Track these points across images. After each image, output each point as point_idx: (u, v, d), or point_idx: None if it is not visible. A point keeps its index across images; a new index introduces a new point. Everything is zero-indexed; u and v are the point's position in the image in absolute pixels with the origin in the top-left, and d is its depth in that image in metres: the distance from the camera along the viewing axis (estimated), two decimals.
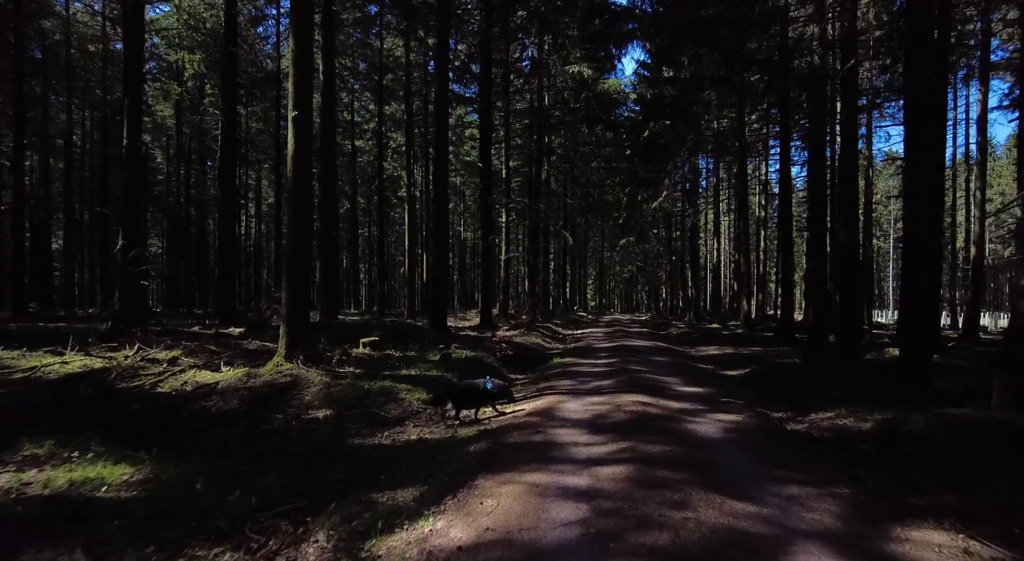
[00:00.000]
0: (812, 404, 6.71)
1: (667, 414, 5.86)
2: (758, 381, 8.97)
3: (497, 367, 10.37)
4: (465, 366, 9.50)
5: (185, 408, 6.69)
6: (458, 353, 10.67)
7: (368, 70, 36.21)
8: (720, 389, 7.95)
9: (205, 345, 11.05)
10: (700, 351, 14.96)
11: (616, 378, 8.44)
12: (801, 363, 10.47)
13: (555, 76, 25.06)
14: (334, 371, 7.92)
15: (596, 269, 58.45)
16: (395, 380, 7.62)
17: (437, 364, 9.34)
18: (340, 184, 48.88)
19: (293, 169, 7.78)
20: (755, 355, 13.48)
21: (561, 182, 36.46)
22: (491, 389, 6.41)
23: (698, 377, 9.16)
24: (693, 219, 28.57)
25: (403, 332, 14.39)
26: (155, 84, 38.51)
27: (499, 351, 11.22)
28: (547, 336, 18.49)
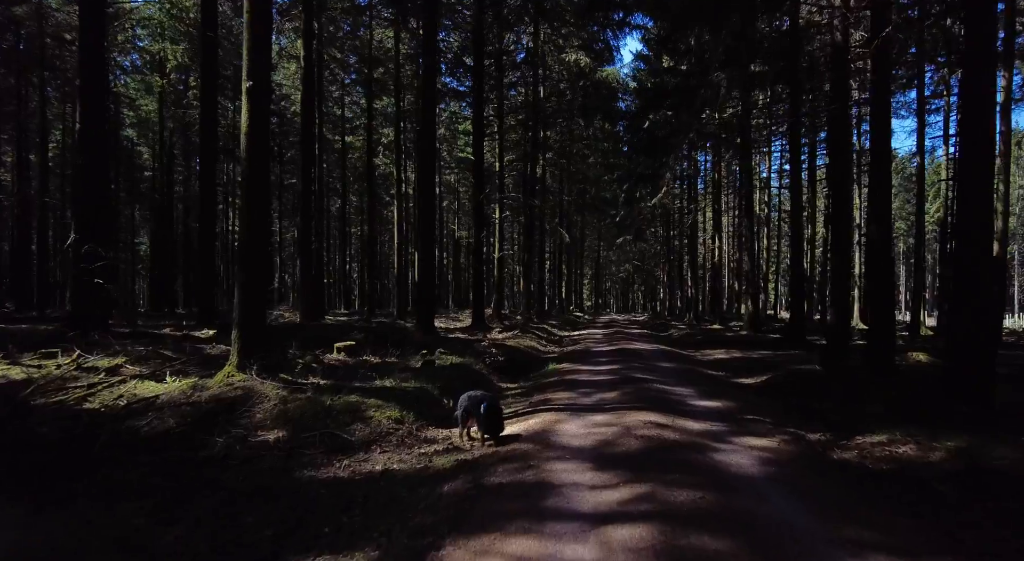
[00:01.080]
0: (852, 423, 5.69)
1: (687, 440, 4.81)
2: (779, 392, 7.95)
3: (486, 375, 9.31)
4: (450, 375, 8.44)
5: (108, 430, 5.60)
6: (443, 359, 9.60)
7: (359, 64, 35.07)
8: (739, 403, 6.91)
9: (161, 350, 9.95)
10: (706, 355, 13.94)
11: (621, 389, 7.39)
12: (822, 370, 9.46)
13: (551, 66, 24.04)
14: (295, 383, 6.84)
15: (592, 268, 57.47)
16: (365, 393, 6.54)
17: (418, 373, 8.27)
18: (330, 181, 47.74)
19: (247, 149, 6.71)
20: (766, 360, 12.48)
21: (557, 178, 35.42)
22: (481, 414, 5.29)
23: (712, 387, 8.13)
24: (693, 216, 27.58)
25: (386, 335, 13.33)
26: (137, 76, 37.30)
27: (489, 357, 10.17)
28: (542, 338, 17.45)
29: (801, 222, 15.62)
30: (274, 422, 5.87)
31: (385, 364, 9.40)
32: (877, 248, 8.03)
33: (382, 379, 7.53)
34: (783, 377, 9.01)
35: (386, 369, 8.60)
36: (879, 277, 8.04)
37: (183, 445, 5.43)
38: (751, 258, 20.10)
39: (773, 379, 9.05)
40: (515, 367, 10.89)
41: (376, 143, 40.15)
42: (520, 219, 30.69)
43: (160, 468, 4.84)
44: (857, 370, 8.74)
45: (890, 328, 8.20)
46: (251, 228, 6.74)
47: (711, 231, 35.40)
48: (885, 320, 8.10)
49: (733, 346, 15.54)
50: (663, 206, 27.02)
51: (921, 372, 8.69)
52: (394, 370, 8.40)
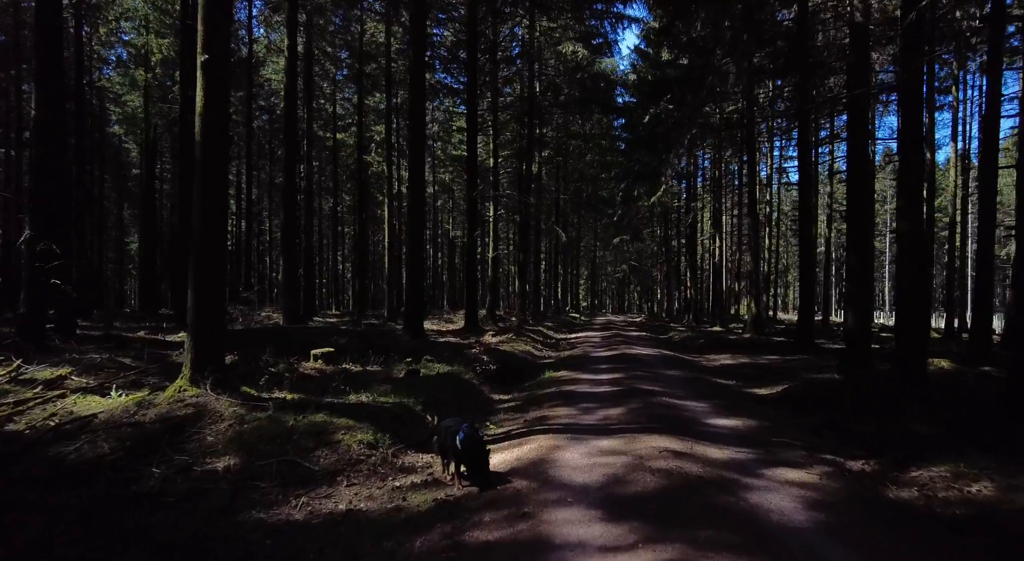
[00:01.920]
0: (899, 447, 4.90)
1: (713, 475, 4.00)
2: (801, 406, 7.16)
3: (477, 386, 8.48)
4: (436, 387, 7.61)
5: (26, 458, 4.75)
6: (429, 368, 8.77)
7: (351, 59, 34.11)
8: (760, 421, 6.11)
9: (121, 357, 9.09)
10: (712, 361, 13.16)
11: (626, 404, 6.58)
12: (842, 379, 8.69)
13: (547, 59, 23.22)
14: (256, 398, 5.99)
15: (588, 269, 56.73)
16: (335, 411, 5.70)
17: (399, 385, 7.43)
18: (322, 179, 46.78)
19: (202, 132, 5.86)
20: (776, 366, 11.72)
21: (553, 176, 34.61)
22: (458, 447, 4.21)
23: (725, 401, 7.33)
24: (693, 215, 26.83)
25: (371, 339, 12.51)
26: (121, 70, 36.29)
27: (480, 365, 9.33)
28: (537, 342, 16.64)
29: (811, 219, 14.86)
30: (226, 447, 5.02)
31: (366, 374, 8.56)
32: (908, 244, 7.25)
33: (358, 393, 6.69)
34: (801, 388, 8.22)
35: (365, 380, 7.76)
36: (911, 275, 7.26)
37: (114, 477, 4.57)
38: (754, 258, 19.35)
39: (790, 390, 8.26)
40: (509, 375, 10.06)
41: (369, 140, 39.27)
42: (515, 218, 29.90)
43: (77, 510, 3.99)
44: (884, 379, 7.97)
45: (923, 332, 7.42)
46: (207, 220, 5.89)
47: (710, 231, 34.69)
48: (917, 323, 7.32)
49: (738, 350, 14.78)
50: (662, 204, 26.26)
51: (955, 382, 7.91)
52: (372, 381, 7.56)
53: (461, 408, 7.14)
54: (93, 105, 34.86)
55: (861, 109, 8.94)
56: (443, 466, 4.52)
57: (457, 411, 7.03)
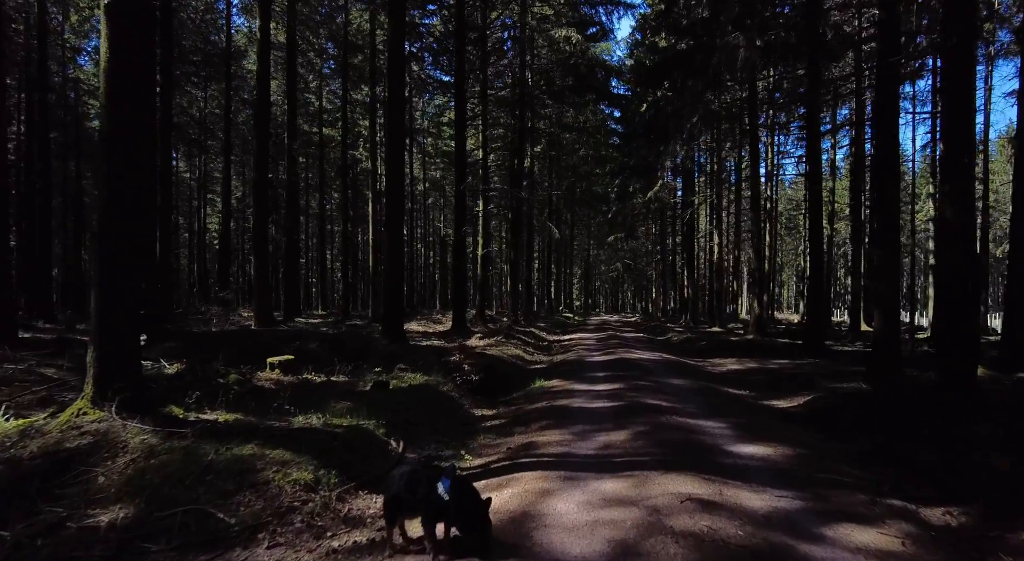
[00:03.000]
0: (984, 488, 3.85)
1: (759, 541, 2.92)
2: (835, 424, 6.10)
3: (456, 399, 7.36)
4: (406, 402, 6.48)
5: None
6: (402, 379, 7.64)
7: (337, 50, 32.86)
8: (795, 445, 5.04)
9: (46, 367, 7.90)
10: (717, 366, 12.12)
11: (630, 425, 5.49)
12: (872, 390, 7.66)
13: (539, 46, 22.12)
14: (178, 422, 4.85)
15: (582, 268, 55.73)
16: (271, 439, 4.57)
17: (362, 400, 6.31)
18: (309, 176, 45.52)
19: (107, 92, 4.72)
20: (788, 372, 10.69)
21: (546, 172, 33.53)
22: (443, 498, 2.90)
23: (745, 417, 6.26)
24: (691, 211, 25.81)
25: (346, 344, 11.39)
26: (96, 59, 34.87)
27: (462, 374, 8.21)
28: (528, 344, 15.55)
29: (821, 213, 13.86)
30: (121, 491, 3.89)
31: (328, 385, 7.44)
32: (955, 235, 6.21)
33: (308, 413, 5.55)
34: (828, 401, 7.17)
35: (323, 394, 6.63)
36: (956, 269, 6.22)
37: None
38: (757, 255, 18.35)
39: (816, 403, 7.21)
40: (494, 384, 8.95)
41: (357, 136, 38.06)
42: (507, 215, 28.80)
43: None
44: (924, 390, 6.94)
45: (973, 335, 6.39)
46: (112, 203, 4.74)
47: (707, 228, 33.73)
48: (965, 324, 6.28)
49: (743, 353, 13.76)
50: (659, 200, 25.23)
51: (1003, 392, 6.88)
52: (333, 396, 6.43)
53: (435, 428, 6.05)
54: (68, 98, 33.47)
55: (891, 79, 7.90)
56: (390, 527, 3.30)
57: (429, 432, 5.94)
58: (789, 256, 58.42)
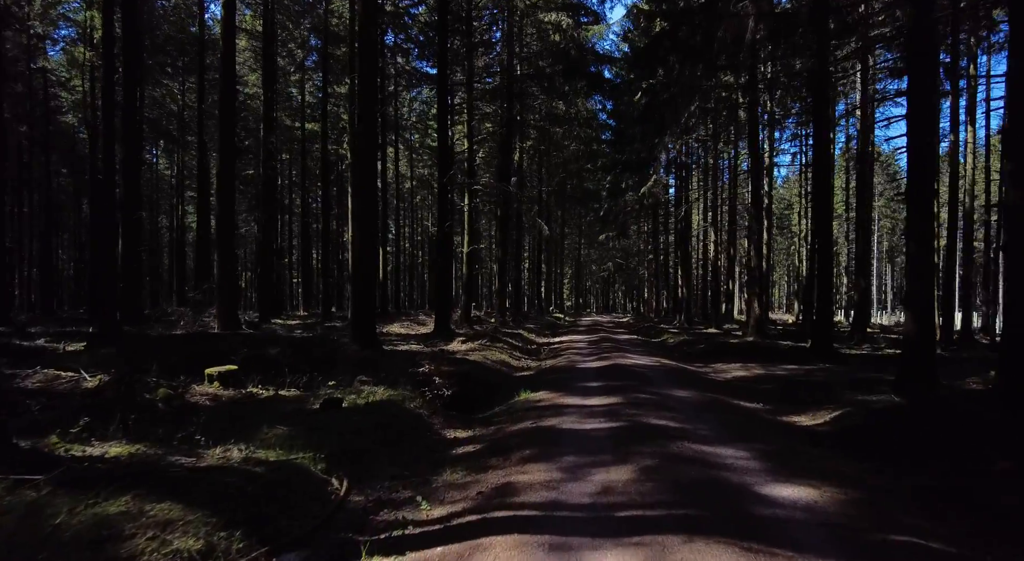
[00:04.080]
0: None
1: None
2: (877, 450, 5.06)
3: (425, 418, 6.23)
4: (359, 426, 5.34)
5: None
6: (361, 394, 6.48)
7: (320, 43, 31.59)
8: (841, 485, 3.98)
9: None
10: (720, 372, 11.08)
11: (634, 457, 4.41)
12: (908, 404, 6.63)
13: (527, 36, 21.02)
14: (39, 462, 3.68)
15: (573, 268, 54.77)
16: (160, 486, 3.42)
17: (306, 423, 5.16)
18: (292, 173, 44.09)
19: None
20: (800, 379, 9.68)
21: (536, 168, 32.44)
22: None
23: (769, 442, 5.20)
24: (686, 208, 24.83)
25: (311, 349, 10.25)
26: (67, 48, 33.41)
27: (433, 387, 7.07)
28: (516, 348, 14.45)
29: (830, 205, 12.87)
30: None
31: (275, 401, 6.29)
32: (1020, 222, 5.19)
33: (229, 444, 4.41)
34: (859, 418, 6.13)
35: (264, 415, 5.49)
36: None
37: None
38: (757, 252, 17.39)
39: (845, 420, 6.16)
40: (473, 397, 7.85)
41: (342, 131, 36.77)
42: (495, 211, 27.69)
43: None
44: (974, 405, 5.94)
45: None
46: None
47: (702, 225, 32.80)
48: None
49: (746, 358, 12.74)
50: (652, 195, 24.21)
51: None
52: (272, 417, 5.27)
53: (394, 458, 4.92)
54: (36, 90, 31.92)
55: (927, 48, 6.88)
56: None
57: (386, 464, 4.81)
58: (781, 256, 57.85)
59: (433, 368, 7.46)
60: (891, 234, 59.90)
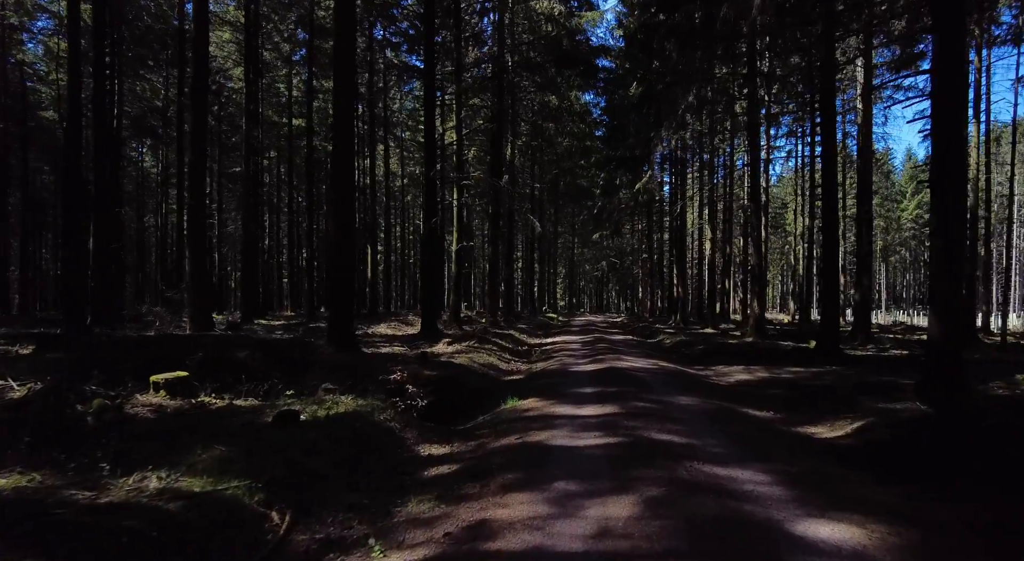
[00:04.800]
0: None
1: None
2: (915, 469, 4.39)
3: (397, 431, 5.48)
4: (315, 444, 4.59)
5: None
6: (324, 404, 5.72)
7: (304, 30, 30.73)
8: (887, 517, 3.28)
9: None
10: (723, 375, 10.40)
11: (637, 484, 3.70)
12: (933, 411, 5.97)
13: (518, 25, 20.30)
14: None
15: (566, 267, 54.12)
16: (33, 534, 2.68)
17: (253, 441, 4.41)
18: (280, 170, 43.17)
19: None
20: (808, 383, 9.04)
21: (528, 166, 31.73)
22: None
23: (790, 461, 4.51)
24: (681, 205, 24.19)
25: (284, 352, 9.49)
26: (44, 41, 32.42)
27: (406, 396, 6.32)
28: (505, 350, 13.73)
29: (835, 198, 12.22)
30: None
31: (226, 413, 5.54)
32: None
33: (148, 471, 3.65)
34: (885, 430, 5.45)
35: (207, 430, 4.73)
36: None
37: None
38: (756, 250, 16.74)
39: (870, 432, 5.48)
40: (455, 405, 7.12)
41: (329, 128, 35.95)
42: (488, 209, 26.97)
43: None
44: (1010, 414, 5.28)
45: None
46: None
47: (697, 222, 32.21)
48: None
49: (748, 359, 12.10)
50: (648, 192, 23.56)
51: None
52: (212, 435, 4.52)
53: (354, 483, 4.18)
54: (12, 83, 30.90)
55: (955, 16, 6.21)
56: None
57: (344, 490, 4.07)
58: (775, 255, 57.47)
59: (406, 375, 6.71)
60: (884, 233, 59.69)
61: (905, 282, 72.09)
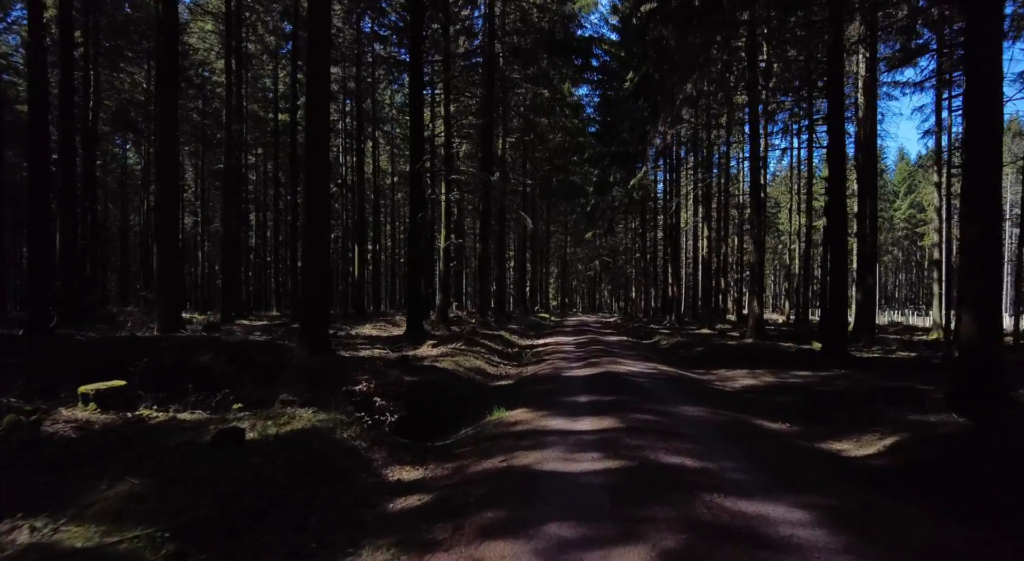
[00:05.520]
0: None
1: None
2: (973, 500, 3.69)
3: (362, 451, 4.71)
4: (258, 470, 3.82)
5: None
6: (277, 420, 4.93)
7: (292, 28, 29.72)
8: None
9: None
10: (727, 380, 9.71)
11: (648, 528, 2.96)
12: (973, 424, 5.28)
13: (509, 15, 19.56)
14: None
15: (559, 267, 53.44)
16: None
17: (177, 468, 3.64)
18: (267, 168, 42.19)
19: None
20: (821, 389, 8.36)
21: (520, 162, 30.98)
22: None
23: (828, 490, 3.79)
24: (677, 202, 23.53)
25: (252, 356, 8.74)
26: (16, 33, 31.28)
27: (373, 409, 5.54)
28: (494, 352, 12.98)
29: (843, 192, 11.56)
30: None
31: (166, 428, 4.75)
32: None
33: (16, 520, 2.87)
34: (927, 448, 4.75)
35: (135, 449, 3.96)
36: None
37: None
38: (757, 248, 16.10)
39: (909, 452, 4.78)
40: (435, 415, 6.36)
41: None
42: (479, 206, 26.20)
43: None
44: None
45: None
46: None
47: (692, 221, 31.60)
48: None
49: (751, 362, 11.41)
50: (643, 188, 22.88)
51: None
52: (129, 461, 3.74)
53: (301, 520, 3.41)
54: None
55: None
56: None
57: (288, 529, 3.31)
58: (768, 254, 57.13)
59: (372, 386, 5.92)
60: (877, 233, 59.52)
61: (897, 282, 72.06)
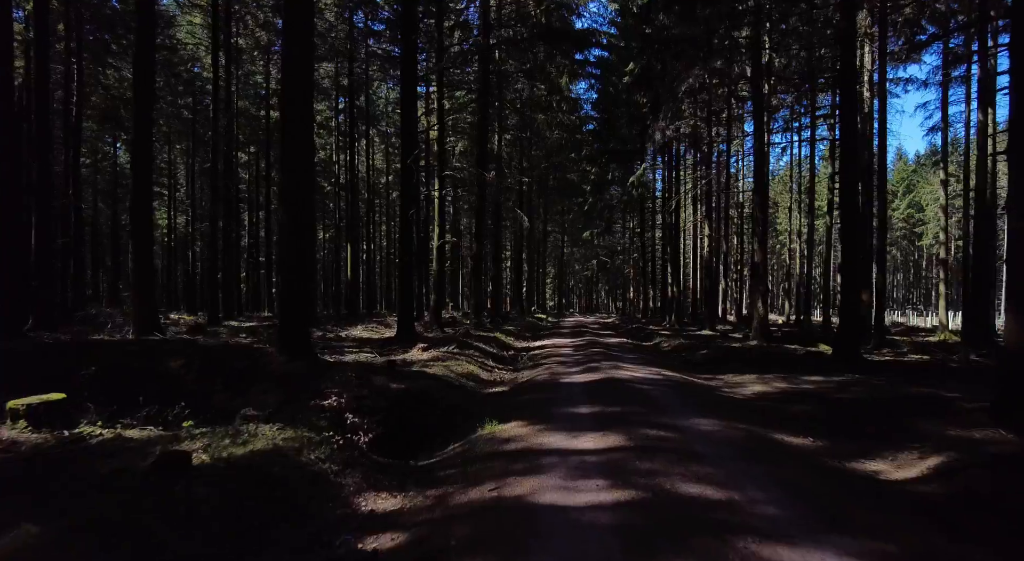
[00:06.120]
0: None
1: None
2: None
3: (332, 476, 4.07)
4: (201, 510, 3.19)
5: None
6: (236, 440, 4.29)
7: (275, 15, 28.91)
8: None
9: None
10: (736, 386, 9.10)
11: None
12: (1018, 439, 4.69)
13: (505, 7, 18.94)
14: None
15: (556, 267, 52.83)
16: None
17: (95, 508, 3.00)
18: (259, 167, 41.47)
19: None
20: (837, 396, 7.77)
21: (517, 159, 30.37)
22: None
23: (881, 530, 3.18)
24: (677, 199, 22.95)
25: (226, 361, 8.07)
26: None
27: (346, 427, 4.90)
28: (489, 355, 12.36)
29: (856, 188, 10.98)
30: None
31: (106, 450, 4.11)
32: None
33: None
34: (983, 474, 4.15)
35: (55, 480, 3.32)
36: None
37: None
38: (762, 246, 15.52)
39: (962, 479, 4.17)
40: (421, 428, 5.73)
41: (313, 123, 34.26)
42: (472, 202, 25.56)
43: None
44: None
45: None
46: None
47: (692, 220, 31.04)
48: None
49: (759, 366, 10.85)
50: (642, 185, 22.29)
51: None
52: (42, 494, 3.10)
53: None
54: None
55: None
56: None
57: None
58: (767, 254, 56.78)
59: (343, 401, 5.27)
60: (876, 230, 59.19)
61: (896, 282, 71.76)
